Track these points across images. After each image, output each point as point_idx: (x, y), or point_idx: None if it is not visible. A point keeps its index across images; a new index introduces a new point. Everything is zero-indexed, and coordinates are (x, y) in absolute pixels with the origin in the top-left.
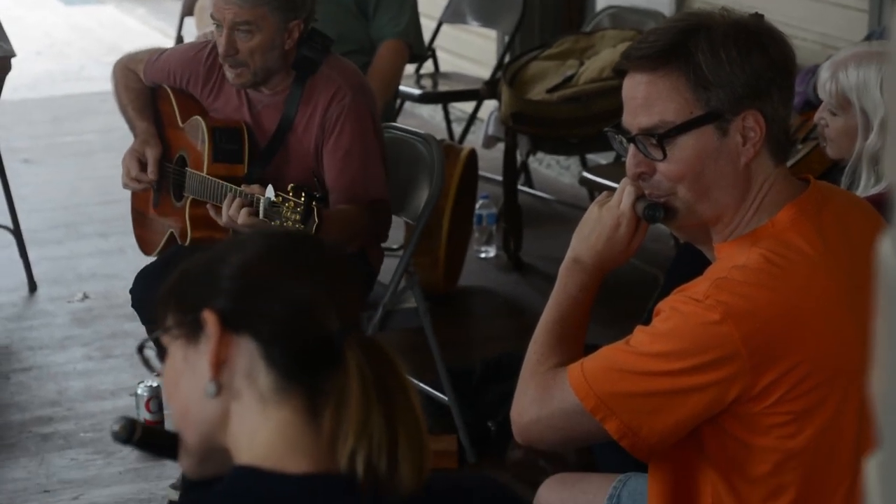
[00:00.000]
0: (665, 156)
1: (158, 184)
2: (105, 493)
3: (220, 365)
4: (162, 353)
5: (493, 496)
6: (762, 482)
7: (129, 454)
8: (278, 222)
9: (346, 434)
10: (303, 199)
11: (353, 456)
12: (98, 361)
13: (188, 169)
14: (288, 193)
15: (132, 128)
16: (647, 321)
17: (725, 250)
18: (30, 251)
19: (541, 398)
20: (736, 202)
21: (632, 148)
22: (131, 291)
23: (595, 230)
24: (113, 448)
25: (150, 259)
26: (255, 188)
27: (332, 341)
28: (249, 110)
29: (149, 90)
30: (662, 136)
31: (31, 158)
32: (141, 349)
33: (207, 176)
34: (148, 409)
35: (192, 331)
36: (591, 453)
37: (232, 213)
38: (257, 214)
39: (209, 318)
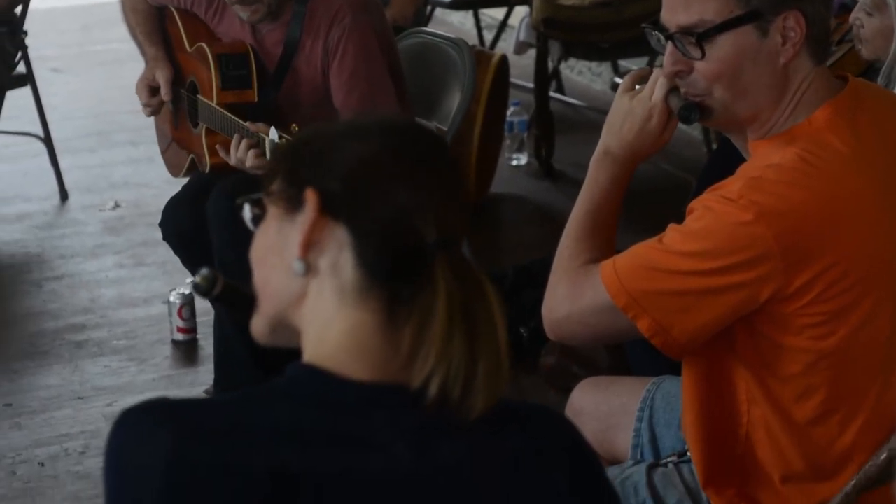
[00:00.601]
0: (703, 55)
1: (175, 106)
2: (138, 400)
3: (310, 246)
4: (257, 218)
5: (550, 421)
6: (793, 381)
7: (163, 361)
8: None
9: (426, 354)
10: None
11: (429, 378)
12: (130, 269)
13: (199, 97)
14: (291, 134)
15: (142, 53)
16: (680, 221)
17: (761, 148)
18: (61, 160)
19: (572, 294)
20: (773, 102)
21: (669, 46)
22: (161, 224)
23: (626, 121)
24: (146, 355)
25: (178, 183)
26: (260, 126)
27: (425, 253)
28: (253, 35)
29: (156, 11)
30: (701, 36)
31: (60, 67)
32: (240, 207)
33: (217, 107)
34: (180, 317)
35: (293, 204)
36: (625, 357)
37: (240, 154)
38: (265, 155)
39: (310, 197)
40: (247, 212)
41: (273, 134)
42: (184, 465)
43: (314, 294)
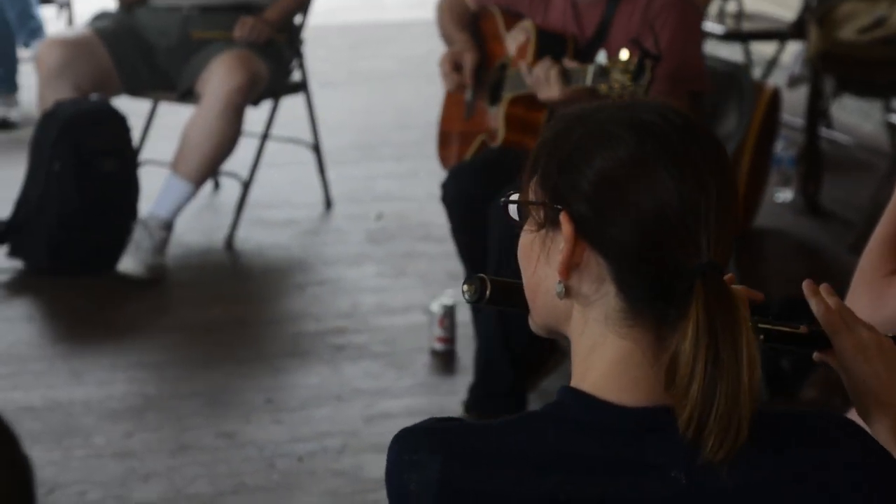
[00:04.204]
0: None
1: (473, 94)
2: (397, 405)
3: (570, 269)
4: (522, 217)
5: (837, 430)
6: None
7: (421, 368)
8: (605, 86)
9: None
10: (634, 58)
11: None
12: (391, 279)
13: (509, 68)
14: (618, 57)
15: (451, 43)
16: None
17: None
18: (328, 170)
19: (875, 304)
20: None
21: None
22: (443, 185)
23: None
24: (404, 362)
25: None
26: (578, 63)
27: (685, 278)
28: (573, 9)
29: (471, 14)
30: None
31: (329, 82)
32: (507, 199)
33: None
34: (441, 326)
35: (552, 218)
36: None
37: (543, 71)
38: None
39: (564, 221)
40: (512, 211)
41: (602, 57)
42: (453, 492)
43: (579, 317)
